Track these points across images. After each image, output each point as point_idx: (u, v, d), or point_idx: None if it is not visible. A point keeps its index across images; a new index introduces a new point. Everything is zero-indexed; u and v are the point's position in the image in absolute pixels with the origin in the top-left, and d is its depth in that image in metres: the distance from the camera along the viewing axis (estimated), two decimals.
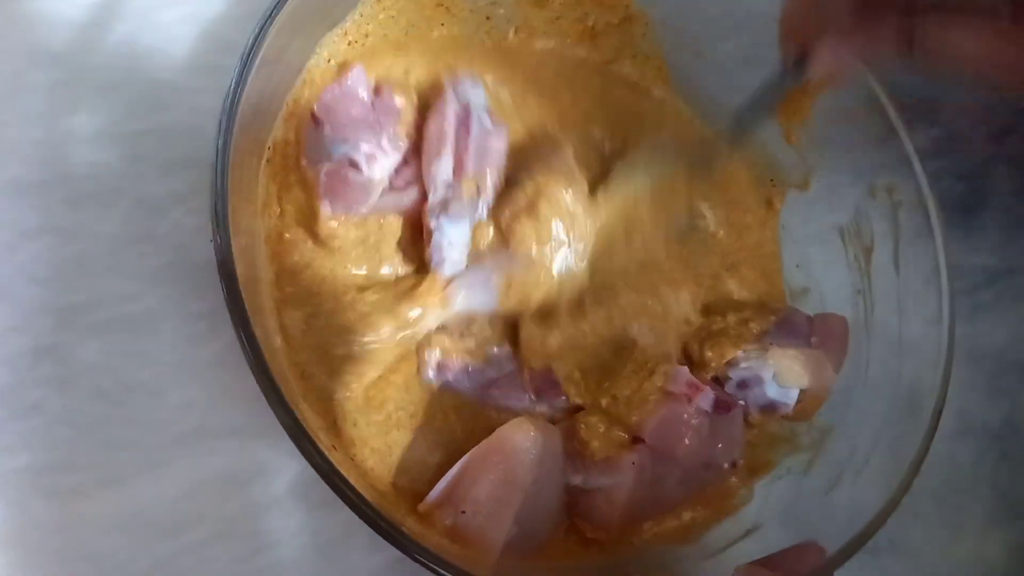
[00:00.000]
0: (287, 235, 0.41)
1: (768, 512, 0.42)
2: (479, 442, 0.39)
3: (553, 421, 0.42)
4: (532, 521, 0.38)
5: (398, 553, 0.41)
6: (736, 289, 0.48)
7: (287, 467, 0.42)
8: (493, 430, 0.39)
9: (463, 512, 0.37)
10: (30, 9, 0.46)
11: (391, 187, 0.42)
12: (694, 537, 0.42)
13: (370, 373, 0.40)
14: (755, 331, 0.44)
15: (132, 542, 0.39)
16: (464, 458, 0.38)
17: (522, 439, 0.38)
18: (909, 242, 0.45)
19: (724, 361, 0.43)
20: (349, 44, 0.43)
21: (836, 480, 0.41)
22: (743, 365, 0.43)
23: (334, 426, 0.39)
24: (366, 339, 0.39)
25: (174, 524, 0.40)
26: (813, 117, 0.48)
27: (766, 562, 0.36)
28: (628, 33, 0.50)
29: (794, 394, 0.43)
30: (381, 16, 0.43)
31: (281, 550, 0.41)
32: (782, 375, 0.42)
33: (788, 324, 0.45)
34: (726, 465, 0.42)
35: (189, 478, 0.41)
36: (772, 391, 0.43)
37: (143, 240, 0.43)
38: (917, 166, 0.44)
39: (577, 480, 0.40)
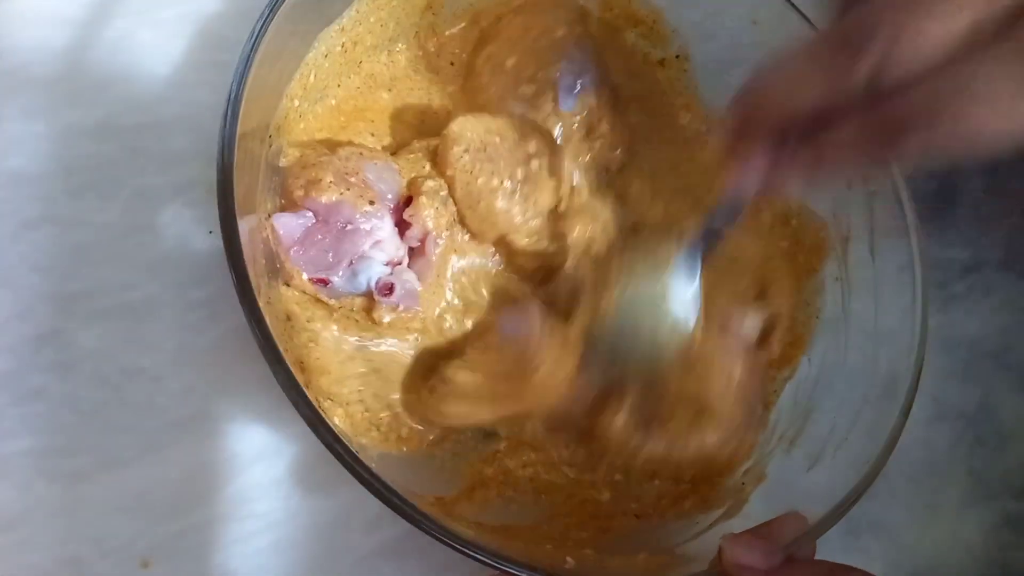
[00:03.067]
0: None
1: (752, 490, 0.43)
2: None
3: None
4: None
5: (396, 533, 0.43)
6: None
7: (286, 450, 0.43)
8: None
9: None
10: (30, 6, 0.47)
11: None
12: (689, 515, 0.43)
13: None
14: None
15: (133, 524, 0.40)
16: None
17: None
18: (884, 234, 0.47)
19: None
20: (343, 46, 0.44)
21: (816, 459, 0.43)
22: None
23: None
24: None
25: (175, 506, 0.41)
26: None
27: (752, 532, 0.37)
28: None
29: None
30: (372, 19, 0.45)
31: (281, 531, 0.42)
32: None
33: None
34: None
35: (189, 461, 0.42)
36: None
37: (143, 230, 0.44)
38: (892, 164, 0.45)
39: None
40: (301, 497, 0.42)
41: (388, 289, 0.41)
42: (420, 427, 0.42)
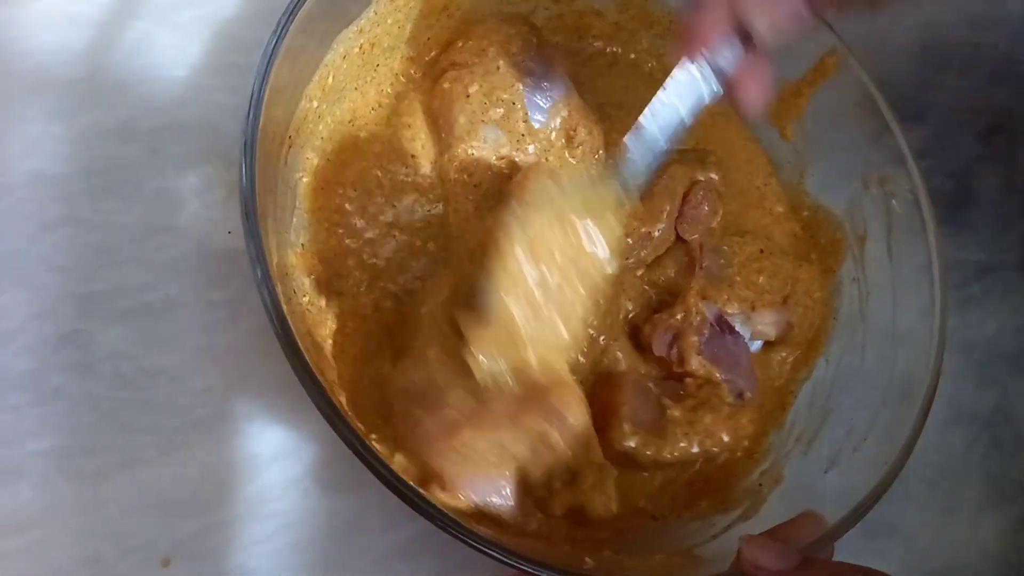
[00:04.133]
0: None
1: (769, 491, 0.43)
2: None
3: None
4: None
5: (412, 533, 0.43)
6: None
7: (304, 450, 0.43)
8: None
9: None
10: (50, 8, 0.47)
11: None
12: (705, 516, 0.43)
13: None
14: None
15: (153, 522, 0.40)
16: None
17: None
18: (902, 234, 0.47)
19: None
20: (360, 48, 0.44)
21: (834, 460, 0.43)
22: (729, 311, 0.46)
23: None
24: None
25: (194, 505, 0.41)
26: (808, 115, 0.50)
27: (770, 533, 0.37)
28: None
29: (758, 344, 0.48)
30: (389, 20, 0.45)
31: (299, 530, 0.42)
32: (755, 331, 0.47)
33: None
34: (733, 394, 0.44)
35: (209, 461, 0.42)
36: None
37: (162, 231, 0.45)
38: (911, 161, 0.45)
39: None
40: (319, 497, 0.43)
41: None
42: None
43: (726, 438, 0.43)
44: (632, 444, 0.41)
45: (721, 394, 0.44)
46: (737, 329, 0.46)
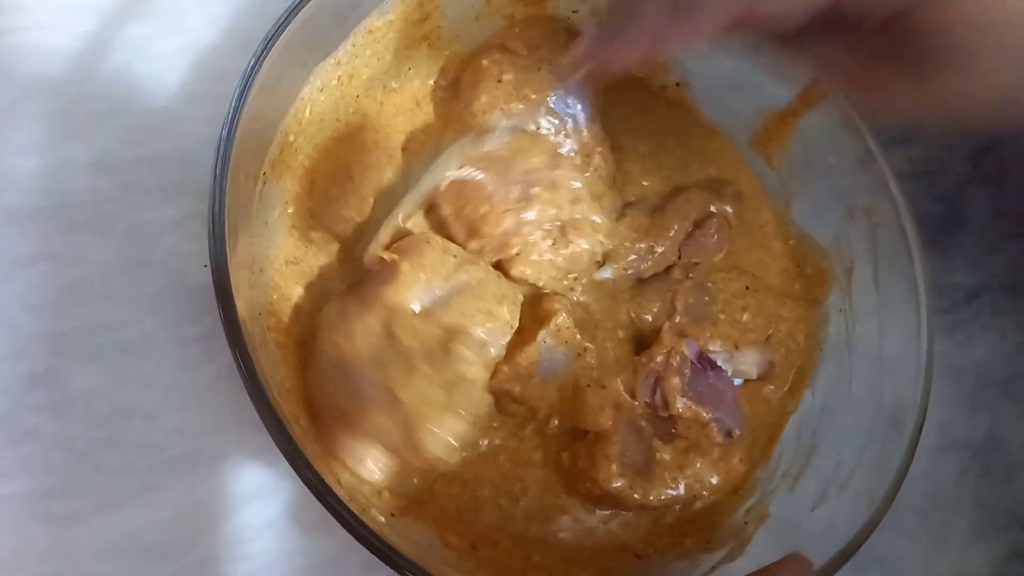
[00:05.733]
0: None
1: (755, 530, 0.43)
2: None
3: None
4: None
5: (392, 572, 0.42)
6: None
7: (280, 489, 0.42)
8: None
9: None
10: (25, 39, 0.47)
11: None
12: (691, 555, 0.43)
13: None
14: None
15: (127, 566, 0.40)
16: None
17: None
18: (888, 262, 0.46)
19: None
20: (339, 79, 0.44)
21: (821, 496, 0.42)
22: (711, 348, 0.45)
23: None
24: None
25: (169, 548, 0.40)
26: (793, 142, 0.49)
27: None
28: None
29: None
30: (368, 52, 0.45)
31: (276, 571, 0.41)
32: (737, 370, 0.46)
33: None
34: (722, 433, 0.43)
35: (184, 501, 0.41)
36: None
37: (138, 266, 0.44)
38: (894, 188, 0.45)
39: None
40: (296, 536, 0.42)
41: None
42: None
43: (715, 480, 0.42)
44: (618, 485, 0.41)
45: (711, 434, 0.43)
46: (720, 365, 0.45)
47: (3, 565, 0.39)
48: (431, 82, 0.48)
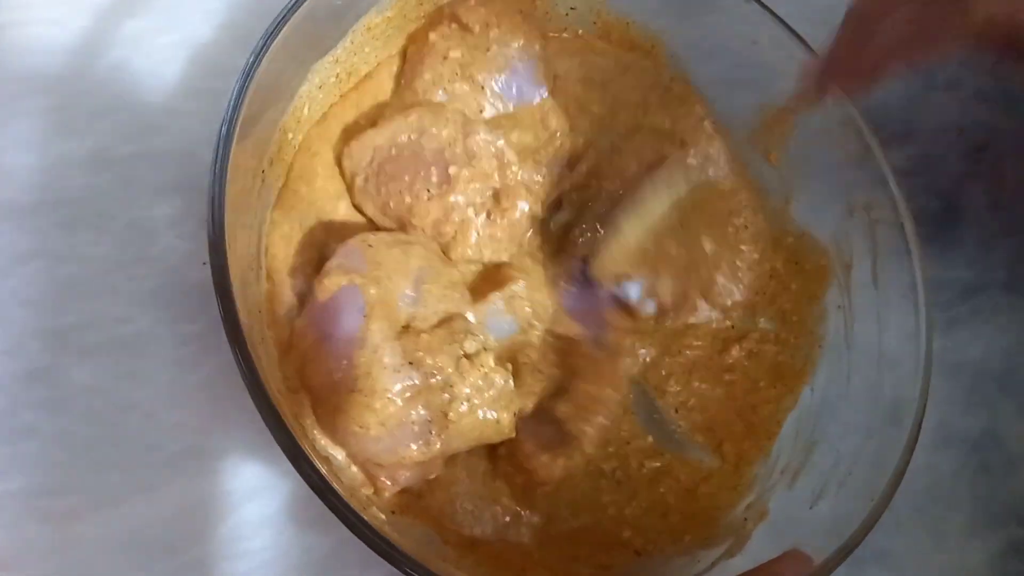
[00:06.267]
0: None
1: (754, 526, 0.43)
2: None
3: None
4: None
5: (391, 570, 0.42)
6: None
7: (279, 486, 0.42)
8: None
9: None
10: (21, 35, 0.46)
11: None
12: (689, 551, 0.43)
13: None
14: None
15: (126, 564, 0.40)
16: None
17: None
18: (887, 259, 0.46)
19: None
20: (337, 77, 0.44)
21: (820, 492, 0.42)
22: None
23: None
24: None
25: (168, 545, 0.40)
26: (793, 138, 0.49)
27: (754, 573, 0.37)
28: None
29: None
30: (366, 49, 0.44)
31: (275, 569, 0.41)
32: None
33: None
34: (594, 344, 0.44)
35: (183, 499, 0.41)
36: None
37: (135, 263, 0.44)
38: (893, 185, 0.45)
39: None
40: (295, 534, 0.42)
41: None
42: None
43: (611, 392, 0.43)
44: (558, 471, 0.41)
45: (584, 351, 0.43)
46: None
47: (1, 563, 0.39)
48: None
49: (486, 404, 0.39)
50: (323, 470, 0.33)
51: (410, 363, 0.37)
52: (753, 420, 0.47)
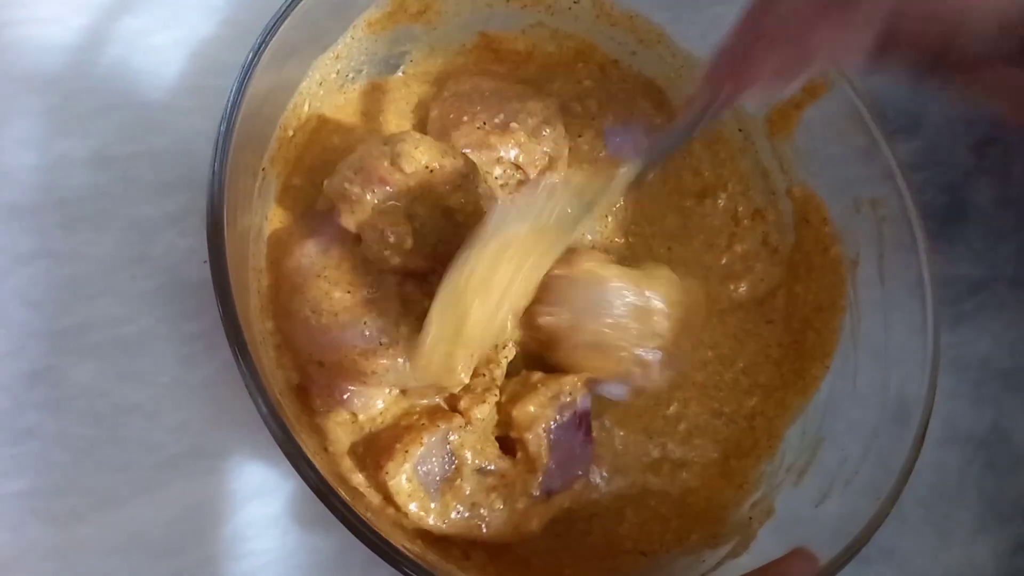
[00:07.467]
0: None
1: (760, 525, 0.42)
2: None
3: None
4: None
5: (394, 570, 0.42)
6: None
7: (282, 487, 0.42)
8: None
9: None
10: (21, 33, 0.46)
11: None
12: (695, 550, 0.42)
13: None
14: None
15: (129, 564, 0.40)
16: None
17: None
18: (893, 255, 0.46)
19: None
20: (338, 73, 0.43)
21: (827, 491, 0.42)
22: None
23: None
24: None
25: (171, 546, 0.40)
26: (799, 131, 0.49)
27: (760, 572, 0.36)
28: None
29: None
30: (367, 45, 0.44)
31: (278, 569, 0.41)
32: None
33: None
34: (543, 489, 0.40)
35: (185, 499, 0.41)
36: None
37: (136, 262, 0.44)
38: (900, 180, 0.44)
39: None
40: (298, 534, 0.42)
41: None
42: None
43: (503, 525, 0.39)
44: (394, 482, 0.38)
45: (529, 483, 0.40)
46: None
47: (3, 564, 0.39)
48: None
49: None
50: (323, 471, 0.32)
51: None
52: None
